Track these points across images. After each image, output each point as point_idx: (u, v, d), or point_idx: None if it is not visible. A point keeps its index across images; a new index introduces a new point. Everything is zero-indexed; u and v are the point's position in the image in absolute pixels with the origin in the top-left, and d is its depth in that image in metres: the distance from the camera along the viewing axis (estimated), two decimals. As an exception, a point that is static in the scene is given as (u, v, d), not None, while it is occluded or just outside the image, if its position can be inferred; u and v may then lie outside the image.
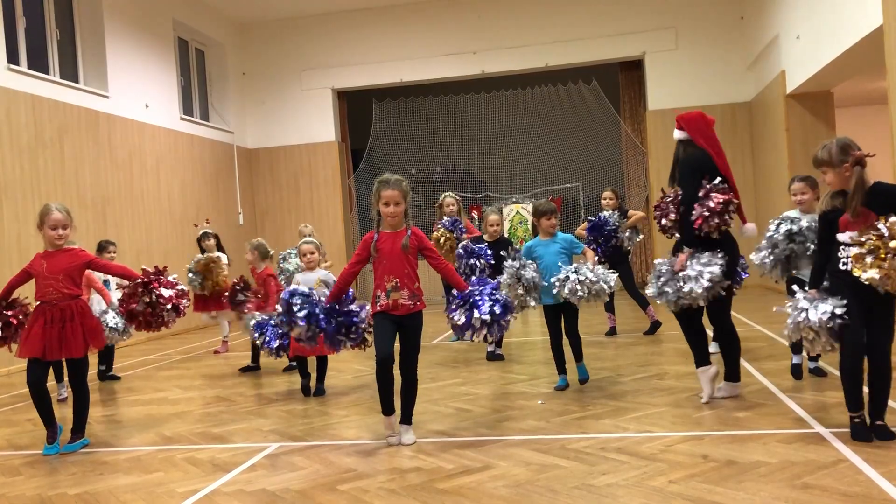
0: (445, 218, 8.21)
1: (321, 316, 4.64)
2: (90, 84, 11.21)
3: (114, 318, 6.84)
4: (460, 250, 7.41)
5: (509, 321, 4.61)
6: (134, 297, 4.95)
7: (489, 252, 7.24)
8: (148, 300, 4.92)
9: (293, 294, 4.73)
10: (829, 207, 4.14)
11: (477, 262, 7.19)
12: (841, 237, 4.01)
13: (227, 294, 7.76)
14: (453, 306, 4.62)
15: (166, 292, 4.96)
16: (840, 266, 4.00)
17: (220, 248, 9.28)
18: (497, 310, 4.50)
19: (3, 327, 5.07)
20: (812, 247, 4.96)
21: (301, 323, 4.61)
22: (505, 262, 5.70)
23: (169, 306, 4.98)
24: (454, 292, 4.67)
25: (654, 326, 8.40)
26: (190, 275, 8.78)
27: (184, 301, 5.11)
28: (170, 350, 9.93)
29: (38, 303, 4.89)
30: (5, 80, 9.25)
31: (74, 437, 4.97)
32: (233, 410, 5.91)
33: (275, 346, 6.35)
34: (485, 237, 7.57)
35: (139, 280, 5.02)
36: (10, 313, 5.10)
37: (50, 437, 4.88)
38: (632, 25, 14.60)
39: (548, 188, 15.48)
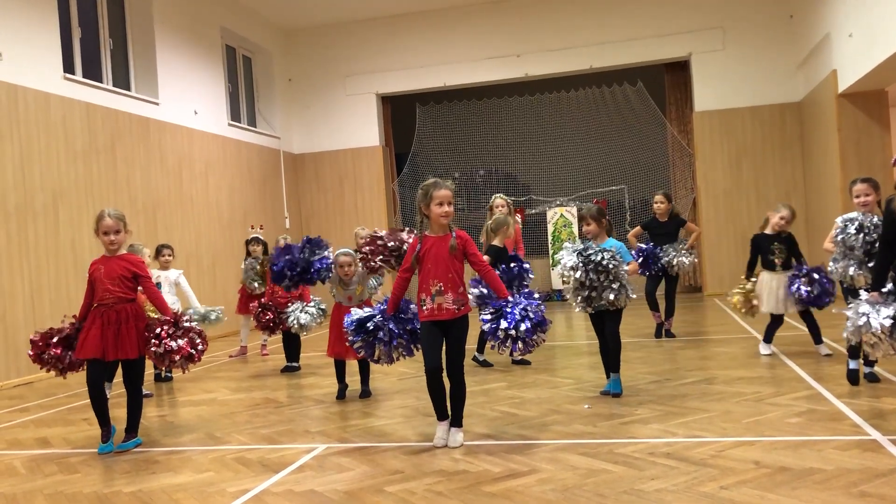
0: None
1: (395, 331, 4.80)
2: (141, 92, 11.47)
3: None
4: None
5: (537, 340, 4.48)
6: (148, 345, 4.95)
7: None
8: (160, 351, 4.90)
9: (361, 323, 4.86)
10: None
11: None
12: None
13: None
14: (486, 314, 4.56)
15: (176, 344, 4.91)
16: None
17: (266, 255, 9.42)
18: (524, 326, 4.38)
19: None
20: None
21: (381, 346, 4.82)
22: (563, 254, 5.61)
23: (177, 358, 4.93)
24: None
25: (661, 330, 8.64)
26: (251, 272, 9.06)
27: (199, 346, 5.05)
28: (218, 352, 10.09)
29: (95, 305, 5.00)
30: (61, 88, 9.53)
31: (128, 436, 5.08)
32: (281, 412, 5.98)
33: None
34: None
35: (154, 327, 4.99)
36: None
37: (104, 435, 5.00)
38: (678, 26, 14.43)
39: (592, 191, 15.37)
